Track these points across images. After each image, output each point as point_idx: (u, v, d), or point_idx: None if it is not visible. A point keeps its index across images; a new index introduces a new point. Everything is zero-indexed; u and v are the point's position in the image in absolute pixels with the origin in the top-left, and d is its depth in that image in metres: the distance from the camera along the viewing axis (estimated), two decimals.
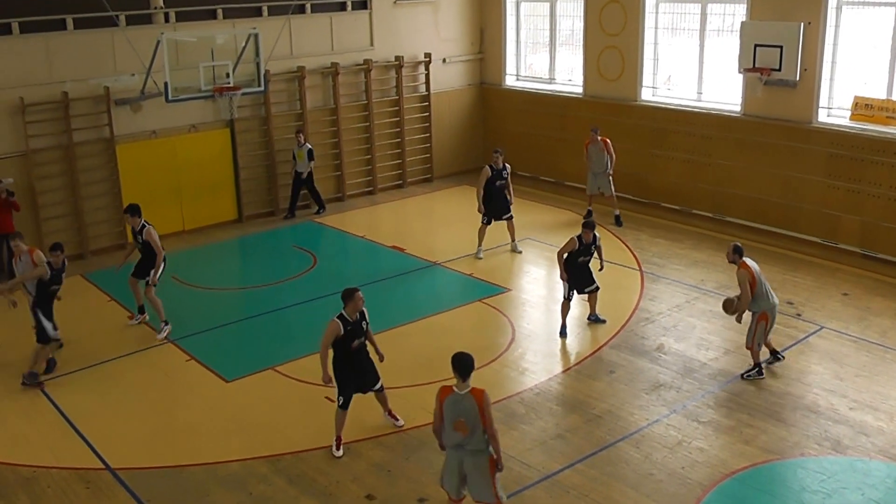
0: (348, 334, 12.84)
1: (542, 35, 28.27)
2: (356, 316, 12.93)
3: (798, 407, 14.16)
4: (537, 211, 24.45)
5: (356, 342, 12.93)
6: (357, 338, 12.96)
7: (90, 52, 21.76)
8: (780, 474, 12.58)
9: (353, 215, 25.48)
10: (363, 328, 13.11)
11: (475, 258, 21.29)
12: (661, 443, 13.28)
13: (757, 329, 15.12)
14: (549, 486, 12.31)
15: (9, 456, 13.58)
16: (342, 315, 12.84)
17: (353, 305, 12.84)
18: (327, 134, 26.24)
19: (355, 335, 12.94)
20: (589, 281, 17.16)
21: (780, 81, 21.37)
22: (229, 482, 12.68)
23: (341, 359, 13.03)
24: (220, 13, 23.56)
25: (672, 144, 24.08)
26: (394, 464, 12.93)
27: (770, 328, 15.20)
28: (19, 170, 21.00)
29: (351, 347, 12.92)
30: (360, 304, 12.91)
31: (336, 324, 12.77)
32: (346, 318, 12.83)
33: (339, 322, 12.78)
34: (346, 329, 12.81)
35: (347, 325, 12.82)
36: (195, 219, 24.05)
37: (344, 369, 13.07)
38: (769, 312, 15.10)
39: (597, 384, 15.13)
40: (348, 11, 26.09)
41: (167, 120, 23.06)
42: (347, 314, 12.85)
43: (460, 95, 29.17)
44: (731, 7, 22.87)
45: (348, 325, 12.82)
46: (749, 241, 21.48)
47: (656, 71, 25.00)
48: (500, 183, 21.03)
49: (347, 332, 12.82)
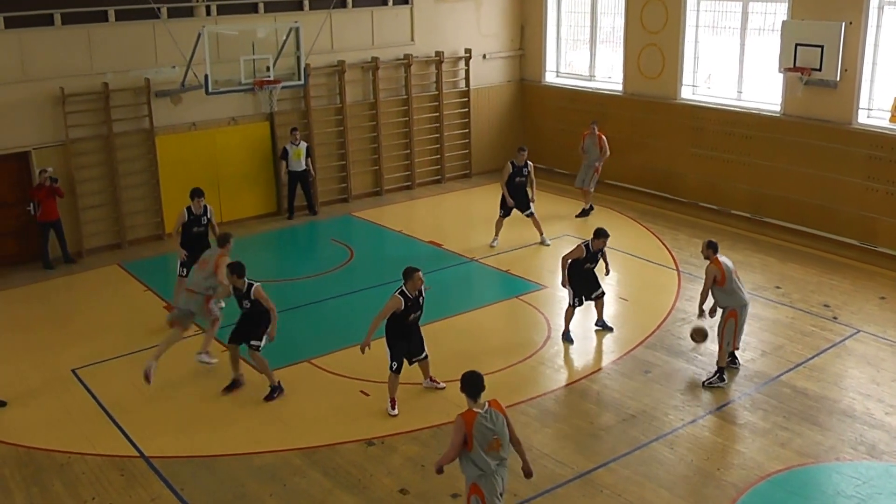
0: (407, 309, 13.86)
1: (582, 32, 28.20)
2: (415, 293, 13.91)
3: (834, 411, 14.06)
4: (575, 207, 24.35)
5: (412, 316, 13.87)
6: (414, 312, 14.01)
7: (131, 44, 21.91)
8: (814, 478, 12.51)
9: (390, 210, 25.54)
10: (420, 304, 14.10)
11: (490, 247, 21.69)
12: (696, 444, 13.23)
13: (725, 326, 15.03)
14: (582, 485, 12.30)
15: (44, 441, 13.72)
16: (403, 291, 13.85)
17: (413, 284, 13.85)
18: (366, 128, 26.29)
19: (413, 310, 13.96)
20: (595, 286, 16.94)
21: (820, 81, 21.22)
22: (264, 473, 12.75)
23: (397, 329, 14.05)
24: (261, 7, 23.63)
25: (711, 143, 23.96)
26: (428, 459, 12.92)
27: (739, 329, 15.07)
28: (59, 159, 21.18)
29: (407, 320, 13.99)
30: (418, 284, 13.93)
31: (398, 299, 13.78)
32: (407, 294, 13.84)
33: (401, 297, 13.79)
34: (407, 304, 13.81)
35: (408, 300, 13.84)
36: (233, 211, 24.16)
37: (398, 338, 14.09)
38: (738, 311, 14.99)
39: (632, 383, 15.09)
40: (390, 6, 26.12)
41: (207, 112, 23.18)
42: (408, 291, 13.85)
43: (500, 92, 29.14)
44: (773, 6, 22.73)
45: (408, 301, 13.84)
46: (786, 243, 21.45)
47: (696, 69, 24.89)
48: (519, 179, 21.48)
49: (407, 307, 13.84)
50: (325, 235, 23.51)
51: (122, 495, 12.28)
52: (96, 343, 17.00)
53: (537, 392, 14.77)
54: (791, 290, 18.77)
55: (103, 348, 16.78)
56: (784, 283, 19.19)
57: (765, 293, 18.54)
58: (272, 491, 12.34)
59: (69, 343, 17.19)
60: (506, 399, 14.26)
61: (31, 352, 16.83)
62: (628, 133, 25.87)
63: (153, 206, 22.83)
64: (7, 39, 20.38)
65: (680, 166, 24.68)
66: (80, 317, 18.63)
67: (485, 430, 9.91)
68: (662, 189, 25.23)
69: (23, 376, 15.84)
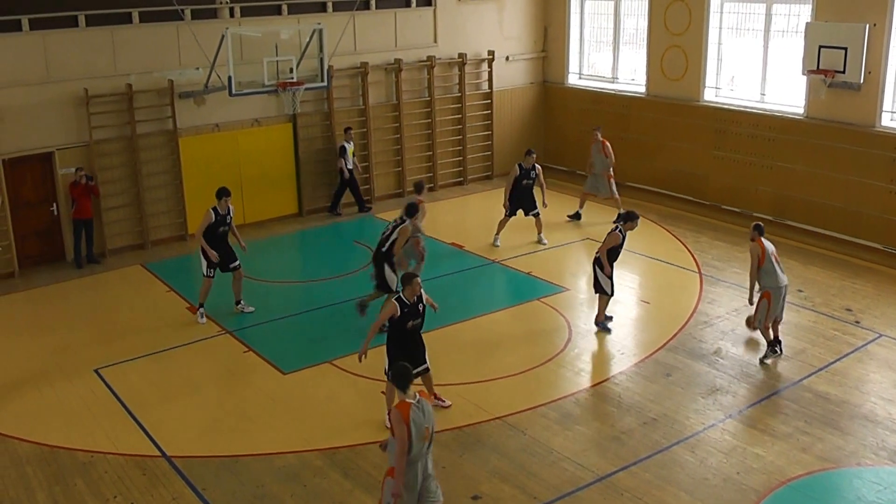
0: (404, 315, 13.46)
1: (605, 34, 28.18)
2: (414, 299, 13.52)
3: (855, 416, 14.01)
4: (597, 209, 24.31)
5: (411, 323, 13.54)
6: (412, 319, 13.57)
7: (155, 46, 22.00)
8: (835, 483, 12.47)
9: None
10: (419, 311, 13.68)
11: (493, 246, 22.00)
12: (717, 448, 13.20)
13: (759, 307, 15.57)
14: (603, 488, 12.29)
15: (66, 440, 13.80)
16: (400, 297, 13.52)
17: (411, 290, 13.43)
18: (389, 130, 26.35)
19: (411, 317, 13.54)
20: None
21: (843, 84, 21.13)
22: (284, 474, 12.80)
23: (397, 336, 13.68)
24: (284, 9, 23.73)
25: (733, 146, 23.90)
26: (448, 460, 12.95)
27: (773, 310, 15.58)
28: (82, 160, 21.29)
29: (406, 327, 13.53)
30: (417, 290, 13.48)
31: (394, 305, 13.48)
32: (405, 300, 13.47)
33: (398, 304, 13.45)
34: (403, 311, 13.43)
35: (405, 307, 13.44)
36: (256, 212, 24.23)
37: (397, 345, 13.68)
38: (773, 292, 15.48)
39: (653, 386, 15.07)
40: (413, 8, 26.17)
41: (230, 114, 23.27)
42: (406, 297, 13.47)
43: (522, 93, 29.16)
44: (797, 7, 22.64)
45: (405, 307, 13.44)
46: (809, 246, 21.37)
47: (720, 71, 24.83)
48: (526, 182, 21.74)
49: (404, 313, 13.45)
50: (348, 237, 23.56)
51: (143, 494, 12.34)
52: (119, 343, 17.11)
53: (558, 395, 14.75)
54: (813, 294, 18.71)
55: (126, 348, 16.87)
56: (806, 286, 19.13)
57: (787, 296, 18.48)
58: (293, 491, 12.37)
59: (92, 342, 17.30)
60: (526, 401, 14.45)
61: (54, 351, 16.95)
62: (651, 135, 25.85)
63: (176, 206, 22.93)
64: (32, 41, 20.50)
65: (702, 168, 24.65)
66: (103, 317, 18.74)
67: (419, 421, 10.12)
68: (684, 191, 25.19)
69: (46, 375, 15.95)
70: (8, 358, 16.78)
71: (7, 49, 20.25)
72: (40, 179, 21.09)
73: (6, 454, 13.47)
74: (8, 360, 16.66)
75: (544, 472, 12.65)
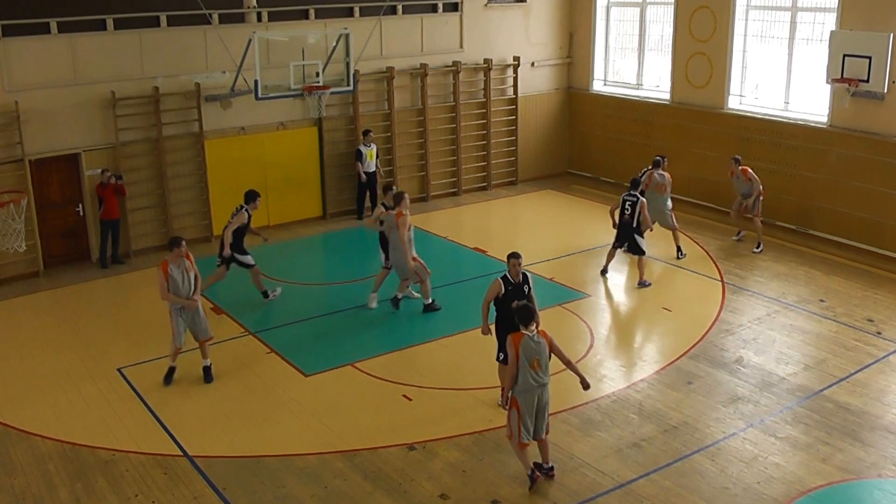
0: (508, 294, 13.81)
1: (630, 40, 28.21)
2: (518, 279, 13.95)
3: (876, 427, 13.97)
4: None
5: (516, 303, 13.31)
6: (517, 299, 13.50)
7: (182, 49, 22.15)
8: (856, 494, 12.43)
9: (436, 215, 25.62)
10: (524, 292, 13.93)
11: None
12: (737, 457, 13.20)
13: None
14: (622, 495, 12.30)
15: (88, 438, 13.91)
16: (505, 276, 14.03)
17: (514, 269, 13.93)
18: (414, 134, 26.44)
19: (515, 296, 13.64)
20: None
21: (867, 93, 21.05)
22: (305, 475, 12.86)
23: (504, 318, 13.92)
24: (312, 13, 23.84)
25: (757, 154, 23.84)
26: (468, 464, 13.01)
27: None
28: (109, 161, 21.46)
29: (511, 307, 13.40)
30: (518, 269, 13.94)
31: (498, 283, 13.99)
32: (509, 279, 13.95)
33: (502, 281, 13.96)
34: (507, 289, 13.87)
35: (509, 285, 13.91)
36: (280, 214, 24.36)
37: (506, 328, 13.63)
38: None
39: (674, 394, 15.07)
40: (439, 13, 26.26)
41: (256, 117, 23.39)
42: (511, 276, 13.95)
43: (547, 99, 29.19)
44: (822, 16, 22.60)
45: (509, 286, 13.90)
46: (831, 256, 21.32)
47: (744, 79, 24.82)
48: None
49: (508, 291, 13.85)
50: (371, 240, 23.56)
51: (164, 493, 12.43)
52: (142, 343, 17.21)
53: (579, 401, 14.75)
54: (835, 304, 18.66)
55: (149, 348, 16.96)
56: (828, 296, 19.09)
57: (809, 306, 18.46)
58: (313, 492, 12.43)
59: (115, 342, 17.43)
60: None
61: (77, 350, 17.08)
62: (675, 142, 25.82)
63: (201, 208, 23.07)
64: (60, 44, 20.67)
65: (726, 176, 24.54)
66: (127, 317, 18.85)
67: (529, 350, 11.93)
68: (708, 199, 25.16)
69: (69, 374, 16.08)
70: (32, 356, 16.92)
71: (36, 51, 20.43)
72: (67, 180, 21.27)
73: (29, 451, 13.59)
74: (32, 358, 16.81)
75: (564, 477, 12.67)
